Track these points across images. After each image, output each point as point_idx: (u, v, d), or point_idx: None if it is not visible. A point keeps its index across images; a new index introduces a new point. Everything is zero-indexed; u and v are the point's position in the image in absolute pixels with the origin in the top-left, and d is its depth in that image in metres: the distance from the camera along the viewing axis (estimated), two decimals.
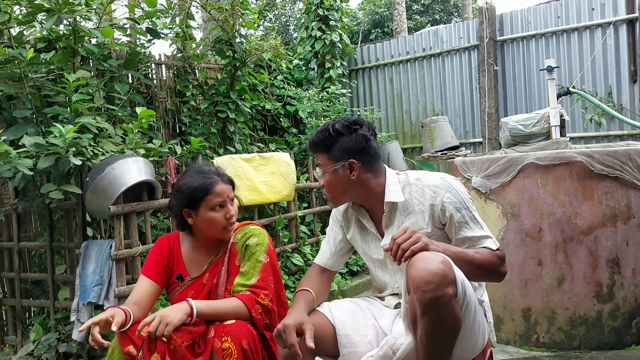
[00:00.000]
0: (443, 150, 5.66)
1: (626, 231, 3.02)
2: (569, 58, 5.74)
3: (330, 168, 1.87)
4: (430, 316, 1.58)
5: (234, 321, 1.85)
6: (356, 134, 1.86)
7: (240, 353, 1.78)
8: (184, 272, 2.08)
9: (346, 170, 1.86)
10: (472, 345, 1.76)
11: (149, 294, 2.02)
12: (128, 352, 1.82)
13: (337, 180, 1.87)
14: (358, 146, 1.86)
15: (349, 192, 1.91)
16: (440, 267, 1.57)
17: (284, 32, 18.74)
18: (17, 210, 3.49)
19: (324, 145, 1.88)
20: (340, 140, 1.85)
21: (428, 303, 1.56)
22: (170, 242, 2.13)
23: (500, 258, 1.82)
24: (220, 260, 2.07)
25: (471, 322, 1.71)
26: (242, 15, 5.05)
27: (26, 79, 3.18)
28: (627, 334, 3.05)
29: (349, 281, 4.92)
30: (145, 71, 4.49)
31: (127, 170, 2.99)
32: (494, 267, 1.79)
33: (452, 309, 1.59)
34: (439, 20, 17.29)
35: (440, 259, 1.60)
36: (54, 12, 3.15)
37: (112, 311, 1.82)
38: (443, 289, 1.56)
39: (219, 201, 1.98)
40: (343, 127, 1.86)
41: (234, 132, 5.18)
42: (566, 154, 3.02)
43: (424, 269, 1.57)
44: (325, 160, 1.88)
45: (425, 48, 6.84)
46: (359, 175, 1.87)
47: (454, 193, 1.88)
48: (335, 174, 1.87)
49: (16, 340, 3.50)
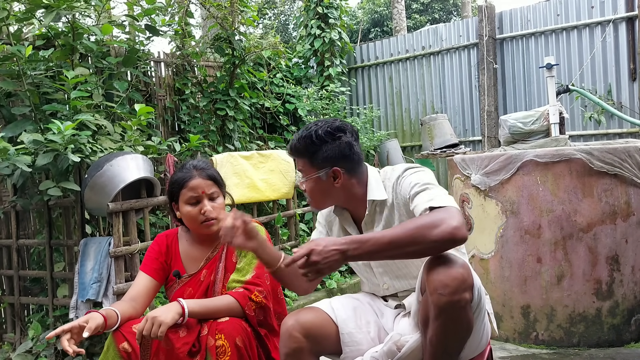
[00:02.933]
0: (442, 148, 5.65)
1: (625, 228, 3.02)
2: (569, 56, 5.73)
3: (313, 176, 1.81)
4: (444, 319, 1.55)
5: (227, 318, 1.85)
6: (340, 142, 1.80)
7: (234, 350, 1.78)
8: (181, 269, 2.08)
9: (330, 177, 1.81)
10: (475, 344, 1.75)
11: (147, 289, 2.02)
12: (123, 349, 1.83)
13: (320, 187, 1.82)
14: (342, 154, 1.80)
15: (331, 198, 1.87)
16: (459, 272, 1.52)
17: (283, 31, 18.72)
18: (16, 207, 3.48)
19: (307, 153, 1.81)
20: (324, 148, 1.79)
21: (444, 306, 1.52)
22: (168, 239, 2.13)
23: (437, 217, 1.52)
24: (217, 257, 2.07)
25: (480, 326, 1.69)
26: (242, 12, 5.04)
27: (25, 76, 3.18)
28: (626, 331, 3.05)
29: (348, 279, 4.92)
30: (144, 69, 4.48)
31: (126, 167, 2.98)
32: (421, 236, 1.50)
33: (467, 314, 1.56)
34: (438, 19, 17.28)
35: (460, 262, 1.55)
36: (52, 8, 3.14)
37: (86, 317, 1.80)
38: (461, 293, 1.52)
39: (193, 196, 1.98)
40: (326, 134, 1.79)
41: (233, 130, 5.17)
42: (565, 151, 3.02)
43: (443, 272, 1.52)
44: (308, 167, 1.82)
45: (424, 46, 6.83)
46: (343, 183, 1.82)
47: (412, 174, 1.79)
48: (319, 181, 1.81)
49: (15, 338, 3.49)
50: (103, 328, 1.81)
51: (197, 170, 2.02)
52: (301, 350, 1.74)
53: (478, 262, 3.27)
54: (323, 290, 4.61)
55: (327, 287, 4.66)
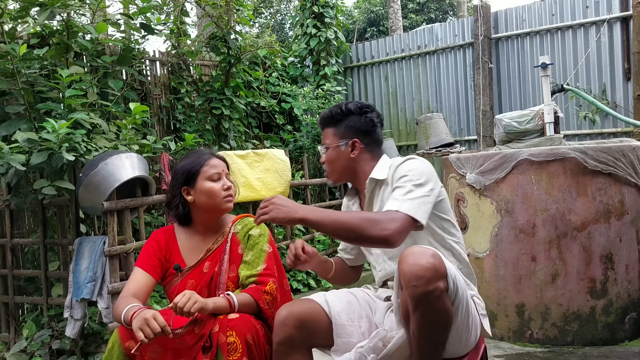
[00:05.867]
0: (438, 147, 5.65)
1: (619, 227, 3.04)
2: (563, 55, 5.75)
3: (334, 144, 1.96)
4: (422, 310, 1.59)
5: (237, 315, 1.85)
6: (365, 117, 1.96)
7: (244, 347, 1.78)
8: (181, 262, 2.07)
9: (348, 148, 1.95)
10: (465, 339, 1.76)
11: (146, 286, 1.99)
12: (129, 348, 1.79)
13: (338, 156, 1.96)
14: (364, 128, 1.96)
15: (346, 171, 1.98)
16: (430, 261, 1.58)
17: (279, 30, 18.70)
18: (10, 206, 3.47)
19: (334, 120, 1.97)
20: (350, 118, 1.96)
21: (419, 297, 1.57)
22: (166, 234, 2.13)
23: (383, 218, 1.68)
24: (221, 249, 2.07)
25: (464, 317, 1.71)
26: (237, 11, 5.03)
27: (19, 75, 3.16)
28: (620, 329, 3.06)
29: None
30: (140, 68, 4.47)
31: (121, 166, 2.97)
32: (360, 229, 1.66)
33: (444, 302, 1.60)
34: (434, 18, 17.29)
35: (430, 252, 1.61)
36: (47, 6, 3.13)
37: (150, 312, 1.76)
38: (435, 282, 1.56)
39: (216, 172, 2.04)
40: (355, 107, 1.96)
41: (229, 129, 5.16)
42: (560, 150, 3.03)
43: (414, 264, 1.58)
44: (332, 135, 1.97)
45: (420, 46, 6.84)
46: (359, 155, 1.95)
47: (410, 164, 1.85)
48: (338, 149, 1.96)
49: (9, 337, 3.48)
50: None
51: (211, 154, 2.11)
52: (292, 340, 1.79)
53: (473, 261, 3.28)
54: (319, 289, 4.61)
55: (322, 285, 4.66)
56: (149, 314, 1.72)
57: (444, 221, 1.90)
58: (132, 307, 1.81)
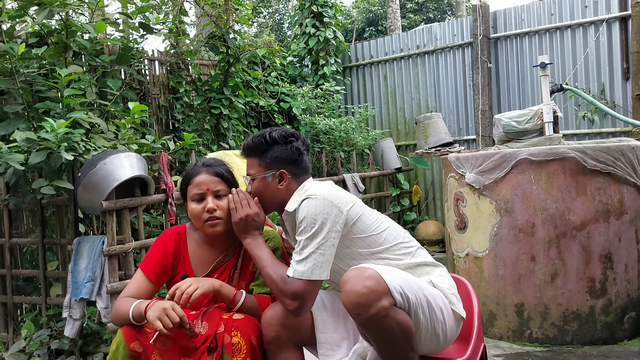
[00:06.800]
0: (437, 146, 5.66)
1: (619, 227, 3.04)
2: (562, 55, 5.75)
3: (260, 174, 1.89)
4: (375, 333, 1.61)
5: (242, 316, 1.84)
6: (290, 146, 1.89)
7: (249, 348, 1.77)
8: (190, 272, 1.99)
9: (276, 179, 1.88)
10: (442, 332, 1.77)
11: (146, 292, 1.93)
12: (133, 349, 1.77)
13: (265, 188, 1.89)
14: (291, 157, 1.89)
15: (274, 201, 1.91)
16: (366, 285, 1.58)
17: (278, 30, 18.69)
18: (9, 206, 3.46)
19: (258, 151, 1.89)
20: (275, 148, 1.88)
21: (365, 323, 1.58)
22: (177, 239, 2.03)
23: (282, 289, 1.73)
24: (231, 263, 2.00)
25: (428, 315, 1.72)
26: (236, 11, 5.03)
27: (17, 74, 3.16)
28: (619, 329, 3.07)
29: None
30: (138, 67, 4.46)
31: (120, 165, 2.96)
32: (270, 281, 1.77)
33: (393, 319, 1.60)
34: (432, 18, 17.29)
35: (367, 274, 1.60)
36: (45, 5, 3.12)
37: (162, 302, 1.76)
38: (376, 304, 1.56)
39: (197, 192, 1.92)
40: (279, 136, 1.89)
41: (228, 128, 5.16)
42: (559, 149, 3.03)
43: (351, 292, 1.59)
44: (257, 166, 1.90)
45: (419, 45, 6.84)
46: (287, 186, 1.89)
47: (304, 209, 1.78)
48: (265, 181, 1.89)
49: (7, 337, 3.47)
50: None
51: (205, 167, 1.98)
52: (280, 339, 1.80)
53: (472, 261, 3.28)
54: None
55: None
56: (167, 304, 1.72)
57: (367, 238, 1.84)
58: (143, 300, 1.81)
